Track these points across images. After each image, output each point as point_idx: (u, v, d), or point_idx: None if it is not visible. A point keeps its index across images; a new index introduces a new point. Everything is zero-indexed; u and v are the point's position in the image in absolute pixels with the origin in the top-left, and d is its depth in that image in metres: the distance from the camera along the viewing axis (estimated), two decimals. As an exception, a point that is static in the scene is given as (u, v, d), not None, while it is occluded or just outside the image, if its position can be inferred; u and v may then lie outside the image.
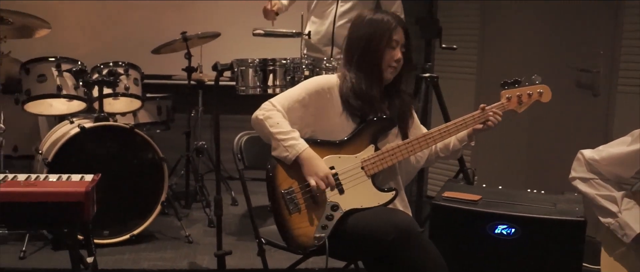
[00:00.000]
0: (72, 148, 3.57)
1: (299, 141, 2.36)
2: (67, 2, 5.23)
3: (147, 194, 3.80)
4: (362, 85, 2.42)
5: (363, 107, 2.43)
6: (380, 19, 2.45)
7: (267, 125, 2.39)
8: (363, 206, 2.37)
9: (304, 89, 2.45)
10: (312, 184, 2.32)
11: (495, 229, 2.62)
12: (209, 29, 4.56)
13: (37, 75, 3.75)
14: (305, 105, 2.44)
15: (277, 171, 2.37)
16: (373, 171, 2.41)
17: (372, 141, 2.44)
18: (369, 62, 2.43)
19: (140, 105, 4.15)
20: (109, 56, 4.13)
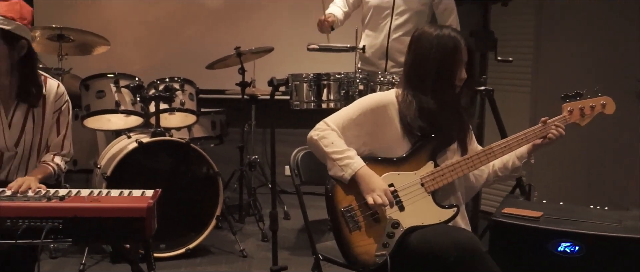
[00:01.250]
0: (129, 162, 3.64)
1: (354, 159, 2.35)
2: (123, 19, 5.36)
3: (202, 208, 3.84)
4: (431, 106, 2.38)
5: (426, 126, 2.39)
6: (450, 38, 2.39)
7: (322, 145, 2.38)
8: (424, 223, 2.33)
9: (359, 108, 2.44)
10: (369, 201, 2.29)
11: (558, 246, 2.54)
12: (262, 43, 4.60)
13: (96, 91, 3.83)
14: (360, 124, 2.42)
15: (336, 190, 2.36)
16: (433, 187, 2.38)
17: (431, 158, 2.40)
18: (446, 84, 2.38)
19: (195, 120, 4.20)
20: (164, 72, 4.21)
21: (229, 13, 5.47)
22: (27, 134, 2.70)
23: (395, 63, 4.12)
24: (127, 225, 2.24)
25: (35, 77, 2.67)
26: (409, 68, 2.47)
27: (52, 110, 2.73)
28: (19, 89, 2.64)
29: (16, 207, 2.17)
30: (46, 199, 2.26)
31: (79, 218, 2.20)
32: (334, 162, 2.35)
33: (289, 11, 5.46)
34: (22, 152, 2.71)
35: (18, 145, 2.70)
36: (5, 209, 2.15)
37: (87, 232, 2.24)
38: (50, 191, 2.43)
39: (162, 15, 5.42)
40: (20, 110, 2.68)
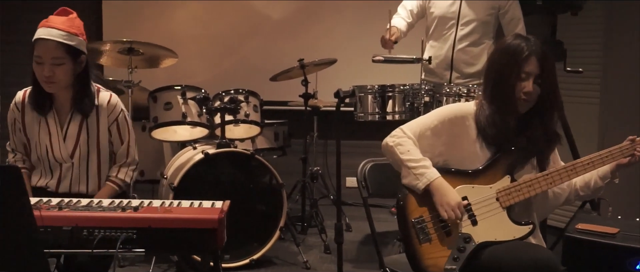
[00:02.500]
0: (195, 173, 3.68)
1: (430, 169, 2.31)
2: (188, 32, 5.46)
3: (266, 219, 3.86)
4: (496, 116, 2.33)
5: (498, 136, 2.34)
6: (514, 46, 2.32)
7: (397, 152, 2.36)
8: (497, 239, 2.27)
9: (436, 117, 2.40)
10: (442, 214, 2.25)
11: (637, 264, 2.45)
12: (325, 55, 4.61)
13: (164, 103, 3.90)
14: (437, 133, 2.38)
15: (408, 199, 2.33)
16: (509, 202, 2.32)
17: (508, 172, 2.34)
18: (502, 93, 2.32)
19: (259, 132, 4.23)
20: (228, 83, 4.25)
21: (291, 25, 5.51)
22: (82, 145, 2.77)
23: (460, 74, 4.07)
24: (198, 236, 2.26)
25: (89, 90, 2.75)
26: (483, 79, 2.43)
27: (106, 122, 2.79)
28: (73, 101, 2.72)
29: (92, 217, 2.21)
30: (121, 210, 2.30)
31: (153, 229, 2.23)
32: (409, 170, 2.33)
33: (351, 23, 5.47)
34: (78, 163, 2.78)
35: (73, 156, 2.77)
36: (82, 219, 2.20)
37: (160, 243, 2.27)
38: (124, 201, 2.48)
39: (225, 28, 5.50)
40: (74, 122, 2.75)
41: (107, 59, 4.18)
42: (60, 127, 2.75)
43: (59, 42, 2.59)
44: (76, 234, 2.19)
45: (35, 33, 2.63)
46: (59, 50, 2.60)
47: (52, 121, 2.75)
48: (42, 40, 2.59)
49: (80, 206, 2.40)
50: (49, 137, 2.75)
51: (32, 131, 2.77)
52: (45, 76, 2.61)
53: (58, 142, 2.76)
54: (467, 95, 3.47)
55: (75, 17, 2.71)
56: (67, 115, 2.75)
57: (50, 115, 2.74)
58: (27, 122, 2.76)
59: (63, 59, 2.61)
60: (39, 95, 2.70)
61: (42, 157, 2.78)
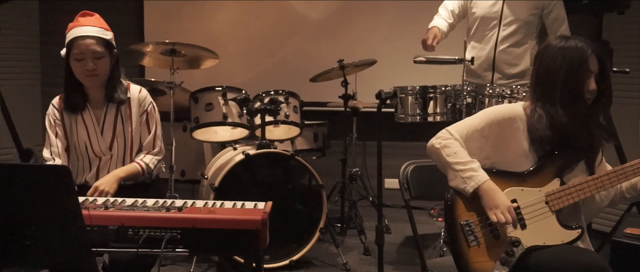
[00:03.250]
0: (236, 174, 3.70)
1: (478, 171, 2.27)
2: (228, 33, 5.49)
3: (306, 220, 3.85)
4: (563, 119, 2.26)
5: (555, 140, 2.29)
6: (573, 47, 2.27)
7: (444, 154, 2.33)
8: (546, 243, 2.23)
9: (484, 119, 2.36)
10: (492, 218, 2.21)
11: (690, 271, 2.38)
12: (364, 56, 4.59)
13: (205, 104, 3.93)
14: (485, 135, 2.34)
15: (456, 202, 2.29)
16: (558, 206, 2.27)
17: (557, 175, 2.29)
18: (571, 94, 2.27)
19: (299, 133, 4.23)
20: (267, 84, 4.26)
21: (331, 26, 5.50)
22: (119, 137, 2.89)
23: (502, 75, 4.01)
24: (241, 237, 2.26)
25: (120, 82, 2.88)
26: (535, 81, 2.37)
27: (137, 112, 2.91)
28: (107, 94, 2.84)
29: (138, 217, 2.23)
30: (165, 210, 2.31)
31: (197, 229, 2.24)
32: (456, 173, 2.29)
33: (391, 23, 5.43)
34: (117, 154, 2.90)
35: (112, 148, 2.89)
36: (128, 218, 2.22)
37: (203, 243, 2.27)
38: (167, 201, 2.50)
39: (265, 29, 5.52)
40: (110, 115, 2.87)
41: (149, 60, 4.22)
42: (96, 121, 2.87)
43: (97, 37, 2.75)
44: (122, 233, 2.21)
45: (68, 35, 2.78)
46: (98, 44, 2.75)
47: (88, 118, 2.87)
48: (81, 38, 2.74)
49: (126, 205, 2.43)
50: (86, 133, 2.87)
51: (70, 130, 2.88)
52: (88, 70, 2.74)
53: (96, 136, 2.87)
54: (510, 96, 3.41)
55: (99, 17, 2.86)
56: (103, 110, 2.87)
57: (85, 112, 2.86)
58: (65, 122, 2.88)
59: (102, 53, 2.76)
60: (73, 96, 2.83)
61: (81, 153, 2.89)
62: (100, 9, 2.96)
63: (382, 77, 4.80)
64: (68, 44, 2.77)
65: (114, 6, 5.49)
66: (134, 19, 5.57)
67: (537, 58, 2.38)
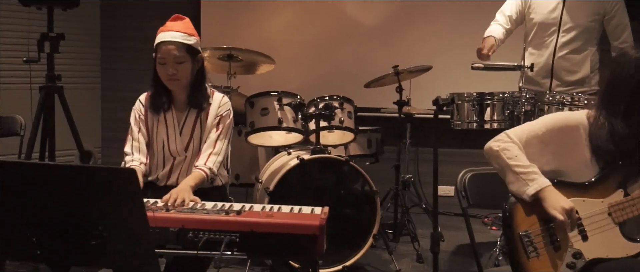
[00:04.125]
0: (291, 178, 3.72)
1: (540, 176, 2.23)
2: (282, 39, 5.54)
3: (359, 226, 3.84)
4: (623, 131, 2.21)
5: (616, 153, 2.23)
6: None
7: (504, 157, 2.28)
8: (609, 256, 2.17)
9: (545, 125, 2.32)
10: (556, 217, 2.14)
11: None
12: (419, 62, 4.56)
13: (260, 108, 3.97)
14: (545, 142, 2.30)
15: (515, 211, 2.25)
16: (622, 218, 2.21)
17: (621, 186, 2.23)
18: (636, 108, 2.22)
19: (353, 138, 4.23)
20: (321, 90, 4.27)
21: (385, 31, 5.49)
22: (195, 140, 2.96)
23: (560, 82, 3.94)
24: (299, 242, 2.28)
25: (204, 87, 2.96)
26: (604, 89, 2.31)
27: (214, 116, 2.96)
28: (190, 99, 2.92)
29: (198, 220, 2.27)
30: (224, 213, 2.35)
31: (255, 233, 2.27)
32: (517, 176, 2.25)
33: (446, 29, 5.39)
34: (191, 156, 2.96)
35: (187, 150, 2.96)
36: (189, 221, 2.26)
37: (261, 247, 2.30)
38: (226, 204, 2.53)
39: (319, 34, 5.54)
40: (190, 118, 2.95)
41: (207, 65, 4.26)
42: (177, 122, 2.95)
43: (179, 43, 2.83)
44: (182, 235, 2.26)
45: (157, 38, 2.87)
46: (180, 50, 2.83)
47: (170, 118, 2.95)
48: (165, 43, 2.84)
49: (186, 208, 2.48)
50: (166, 131, 2.95)
51: (152, 127, 2.97)
52: (169, 74, 2.84)
53: (174, 137, 2.95)
54: (570, 103, 3.34)
55: (188, 21, 2.96)
56: (184, 112, 2.95)
57: (168, 112, 2.95)
58: (148, 119, 2.97)
59: (184, 58, 2.85)
60: (159, 96, 2.93)
61: (157, 151, 2.98)
62: (157, 15, 3.02)
63: (437, 83, 4.76)
64: (155, 47, 2.87)
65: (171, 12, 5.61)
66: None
67: (611, 66, 2.32)
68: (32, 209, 1.82)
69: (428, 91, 4.49)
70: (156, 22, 5.60)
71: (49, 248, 1.84)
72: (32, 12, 3.87)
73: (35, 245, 1.85)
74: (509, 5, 4.13)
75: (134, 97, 3.01)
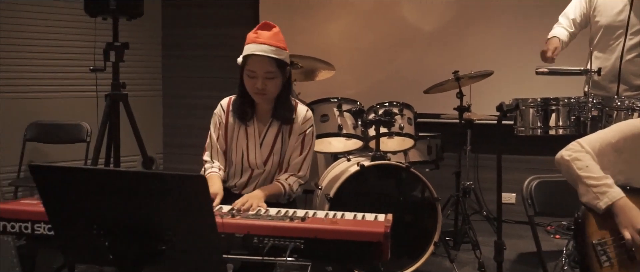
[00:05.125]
0: (351, 185, 3.71)
1: (613, 187, 2.16)
2: (340, 45, 5.54)
3: (420, 233, 3.80)
4: None
5: None
6: None
7: (575, 167, 2.22)
8: (687, 268, 2.09)
9: (619, 132, 2.25)
10: (626, 237, 2.10)
11: None
12: (479, 67, 4.50)
13: (320, 115, 3.98)
14: (618, 149, 2.23)
15: (588, 220, 2.19)
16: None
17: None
18: None
19: (413, 144, 4.20)
20: (379, 95, 4.26)
21: (445, 37, 5.43)
22: (275, 154, 2.90)
23: (628, 87, 3.82)
24: (364, 249, 2.27)
25: (289, 101, 2.87)
26: None
27: (297, 132, 2.90)
28: (275, 111, 2.85)
29: (264, 226, 2.28)
30: (289, 219, 2.36)
31: (319, 239, 2.27)
32: (588, 188, 2.18)
33: (507, 33, 5.28)
34: (269, 170, 2.92)
35: (266, 163, 2.91)
36: (254, 227, 2.28)
37: (325, 254, 2.30)
38: (289, 211, 2.54)
39: (377, 40, 5.53)
40: (272, 131, 2.88)
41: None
42: (258, 134, 2.89)
43: (271, 58, 2.72)
44: (247, 241, 2.27)
45: (245, 48, 2.76)
46: (271, 65, 2.73)
47: (251, 128, 2.90)
48: (256, 56, 2.73)
49: (251, 214, 2.50)
50: (246, 142, 2.90)
51: (232, 135, 2.93)
52: (257, 89, 2.76)
53: (254, 149, 2.90)
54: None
55: (278, 31, 2.82)
56: (266, 124, 2.89)
57: (250, 123, 2.89)
58: (229, 125, 2.92)
59: (274, 73, 2.75)
60: (243, 105, 2.86)
61: (236, 161, 2.93)
62: (217, 23, 2.99)
63: (498, 89, 4.69)
64: (243, 58, 2.78)
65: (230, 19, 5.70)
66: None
67: None
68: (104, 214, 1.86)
69: (489, 97, 4.44)
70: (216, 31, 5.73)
71: (121, 252, 1.88)
72: (98, 22, 3.97)
73: (107, 249, 1.88)
74: (573, 8, 4.03)
75: (194, 104, 3.02)
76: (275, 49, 2.74)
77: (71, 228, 1.92)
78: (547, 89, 4.09)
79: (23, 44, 5.11)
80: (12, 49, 5.06)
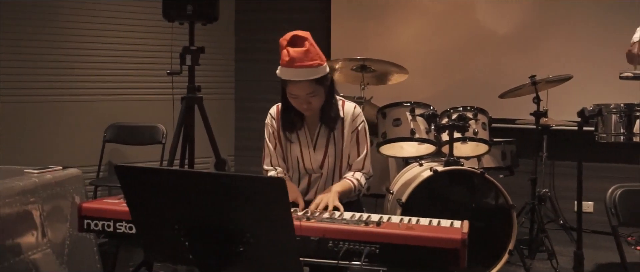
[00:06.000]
0: (423, 190, 3.66)
1: None
2: (412, 48, 5.49)
3: (494, 241, 3.71)
4: None
5: None
6: None
7: None
8: None
9: None
10: None
11: None
12: (557, 71, 4.37)
13: (393, 119, 3.95)
14: None
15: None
16: None
17: None
18: None
19: (487, 150, 4.11)
20: (452, 100, 4.20)
21: (520, 40, 5.29)
22: (330, 156, 2.91)
23: None
24: (440, 255, 2.22)
25: (335, 103, 2.88)
26: None
27: (349, 130, 2.90)
28: (322, 116, 2.86)
29: (339, 230, 2.28)
30: (364, 224, 2.34)
31: (394, 245, 2.24)
32: None
33: (587, 37, 5.10)
34: (327, 172, 2.93)
35: (322, 166, 2.93)
36: (330, 230, 2.27)
37: (401, 259, 2.26)
38: (363, 215, 2.53)
39: (450, 44, 5.45)
40: (323, 134, 2.90)
41: (339, 76, 4.34)
42: (310, 139, 2.92)
43: (310, 81, 2.69)
44: (322, 244, 2.27)
45: (281, 71, 2.71)
46: (311, 86, 2.71)
47: (303, 135, 2.92)
48: (292, 82, 2.70)
49: (325, 217, 2.49)
50: (299, 149, 2.93)
51: (286, 143, 2.96)
52: (303, 108, 2.78)
53: (309, 154, 2.93)
54: None
55: (310, 44, 2.70)
56: (316, 128, 2.90)
57: (301, 129, 2.91)
58: (281, 134, 2.95)
59: (315, 91, 2.74)
60: (290, 116, 2.87)
61: (293, 167, 2.97)
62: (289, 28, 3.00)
63: (576, 94, 4.54)
64: (281, 79, 2.74)
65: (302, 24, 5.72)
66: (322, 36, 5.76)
67: None
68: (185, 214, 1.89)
69: (567, 102, 4.31)
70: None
71: (201, 253, 1.91)
72: (175, 27, 4.07)
73: (187, 249, 1.92)
74: None
75: (266, 108, 3.02)
76: (312, 70, 2.67)
77: (153, 227, 1.97)
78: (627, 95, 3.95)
79: (102, 48, 5.30)
80: (92, 53, 5.24)
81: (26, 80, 4.98)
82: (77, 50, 5.18)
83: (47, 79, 5.06)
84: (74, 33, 5.17)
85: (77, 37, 5.19)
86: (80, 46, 5.19)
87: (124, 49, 5.39)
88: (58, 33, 5.10)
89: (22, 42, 4.94)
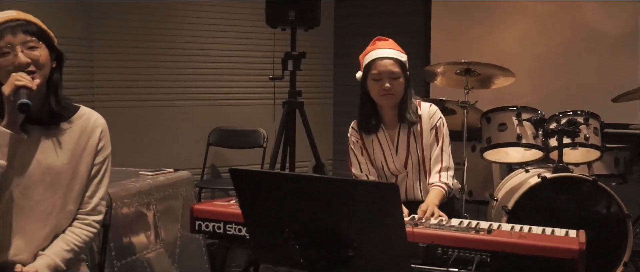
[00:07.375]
0: (530, 197, 3.55)
1: None
2: (515, 51, 5.31)
3: (606, 252, 3.55)
4: None
5: None
6: None
7: None
8: None
9: None
10: None
11: None
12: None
13: (497, 124, 3.85)
14: None
15: None
16: None
17: None
18: None
19: (599, 156, 3.92)
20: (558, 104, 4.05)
21: (634, 40, 5.01)
22: (412, 155, 2.94)
23: None
24: (556, 266, 2.14)
25: (412, 102, 2.93)
26: None
27: (427, 128, 2.93)
28: (400, 115, 2.91)
29: (449, 237, 2.24)
30: (474, 231, 2.29)
31: (507, 253, 2.18)
32: None
33: None
34: (412, 172, 2.97)
35: (407, 166, 2.96)
36: (439, 237, 2.24)
37: (513, 269, 2.20)
38: (472, 222, 2.47)
39: (557, 46, 5.23)
40: (403, 134, 2.94)
41: (441, 80, 4.27)
42: (391, 141, 2.96)
43: (395, 59, 2.85)
44: (431, 251, 2.24)
45: (367, 57, 2.90)
46: (395, 65, 2.84)
47: (382, 138, 2.97)
48: (379, 59, 2.85)
49: (433, 224, 2.45)
50: (382, 152, 2.98)
51: (370, 149, 3.01)
52: (385, 89, 2.84)
53: (391, 156, 2.97)
54: None
55: (394, 42, 2.96)
56: (396, 130, 2.95)
57: (380, 133, 2.97)
58: (364, 142, 3.01)
59: (398, 73, 2.84)
60: (367, 116, 2.95)
61: (378, 171, 3.02)
62: (389, 32, 3.08)
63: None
64: (366, 65, 2.89)
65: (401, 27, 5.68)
66: (421, 40, 5.69)
67: None
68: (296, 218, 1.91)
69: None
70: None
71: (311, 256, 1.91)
72: (277, 33, 4.14)
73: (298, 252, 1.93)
74: None
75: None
76: (397, 52, 2.88)
77: (264, 230, 2.00)
78: None
79: (207, 54, 5.45)
80: (196, 59, 5.41)
81: (135, 86, 5.19)
82: (184, 57, 5.35)
83: (156, 85, 5.26)
84: (180, 40, 5.34)
85: (182, 44, 5.34)
86: (185, 52, 5.35)
87: (227, 55, 5.53)
88: (166, 39, 5.28)
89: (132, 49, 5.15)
